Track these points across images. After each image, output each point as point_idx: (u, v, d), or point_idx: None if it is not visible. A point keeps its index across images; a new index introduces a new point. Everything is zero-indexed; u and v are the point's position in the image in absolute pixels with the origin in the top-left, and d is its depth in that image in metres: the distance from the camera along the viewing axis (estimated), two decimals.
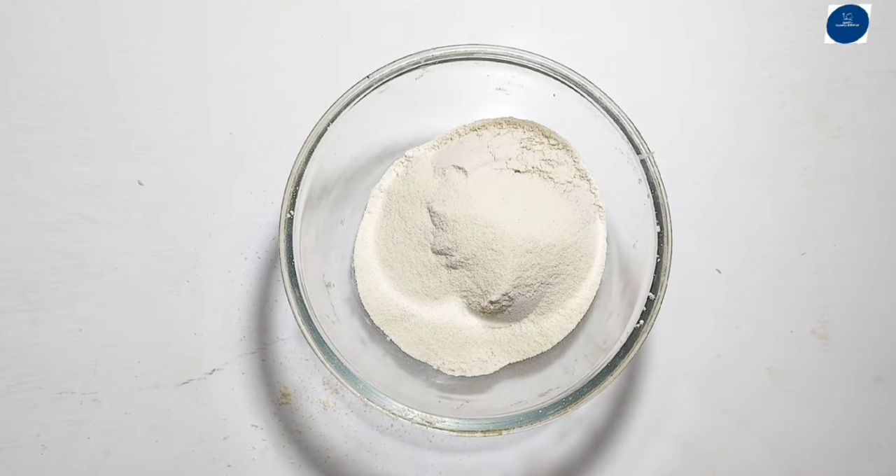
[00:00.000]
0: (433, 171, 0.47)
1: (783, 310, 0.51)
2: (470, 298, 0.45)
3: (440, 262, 0.45)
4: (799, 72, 0.53)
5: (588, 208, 0.47)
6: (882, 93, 0.53)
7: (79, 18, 0.53)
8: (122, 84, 0.52)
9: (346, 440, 0.48)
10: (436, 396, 0.45)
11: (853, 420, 0.50)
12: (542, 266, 0.44)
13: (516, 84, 0.45)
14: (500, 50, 0.43)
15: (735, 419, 0.49)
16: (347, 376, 0.40)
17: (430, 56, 0.43)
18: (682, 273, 0.45)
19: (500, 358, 0.46)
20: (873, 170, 0.52)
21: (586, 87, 0.43)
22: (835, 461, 0.49)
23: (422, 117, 0.49)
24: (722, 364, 0.50)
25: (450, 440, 0.49)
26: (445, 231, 0.44)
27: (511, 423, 0.39)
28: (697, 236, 0.51)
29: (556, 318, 0.46)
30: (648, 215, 0.42)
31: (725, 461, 0.49)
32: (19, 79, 0.52)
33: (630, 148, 0.42)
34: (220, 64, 0.52)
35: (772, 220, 0.52)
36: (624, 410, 0.49)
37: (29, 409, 0.48)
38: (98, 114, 0.52)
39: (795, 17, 0.54)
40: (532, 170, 0.46)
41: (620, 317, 0.43)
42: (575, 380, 0.41)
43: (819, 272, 0.51)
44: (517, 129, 0.47)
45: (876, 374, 0.50)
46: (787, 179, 0.52)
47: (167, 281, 0.50)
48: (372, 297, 0.47)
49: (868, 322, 0.51)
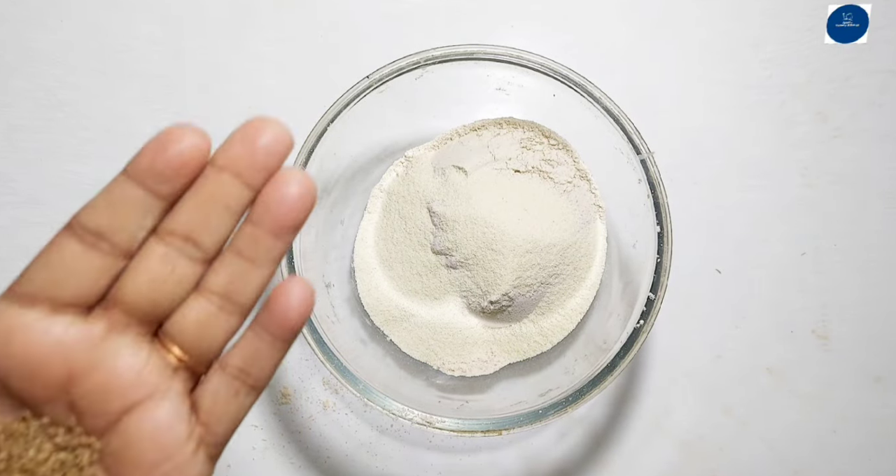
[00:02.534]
0: (433, 172, 0.47)
1: (783, 310, 0.51)
2: (470, 298, 0.45)
3: (440, 263, 0.45)
4: (799, 72, 0.53)
5: (588, 208, 0.47)
6: (882, 93, 0.53)
7: (79, 18, 0.53)
8: (122, 84, 0.52)
9: (346, 440, 0.48)
10: (436, 396, 0.45)
11: (853, 420, 0.50)
12: (542, 266, 0.44)
13: (516, 84, 0.45)
14: (500, 50, 0.43)
15: (735, 419, 0.49)
16: (347, 376, 0.40)
17: (430, 56, 0.43)
18: (682, 273, 0.45)
19: (500, 358, 0.46)
20: (873, 170, 0.52)
21: (586, 87, 0.43)
22: (835, 461, 0.49)
23: (422, 117, 0.49)
24: (722, 364, 0.50)
25: (450, 440, 0.49)
26: (445, 231, 0.44)
27: (511, 423, 0.39)
28: (697, 236, 0.51)
29: (556, 318, 0.46)
30: (648, 215, 0.42)
31: (725, 461, 0.49)
32: (19, 79, 0.52)
33: (630, 148, 0.42)
34: (220, 64, 0.52)
35: (772, 220, 0.52)
36: (624, 410, 0.49)
37: None
38: (98, 114, 0.52)
39: (795, 17, 0.53)
40: (532, 170, 0.46)
41: (620, 317, 0.43)
42: (575, 380, 0.41)
43: (819, 272, 0.51)
44: (517, 129, 0.47)
45: (876, 374, 0.50)
46: (787, 179, 0.52)
47: None
48: (372, 297, 0.47)
49: (868, 322, 0.51)
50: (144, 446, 0.22)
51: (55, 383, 0.22)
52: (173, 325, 0.24)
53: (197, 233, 0.23)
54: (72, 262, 0.22)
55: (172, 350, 0.24)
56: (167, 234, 0.23)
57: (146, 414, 0.22)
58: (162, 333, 0.24)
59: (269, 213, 0.22)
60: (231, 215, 0.23)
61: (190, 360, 0.24)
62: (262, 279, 0.23)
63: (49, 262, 0.22)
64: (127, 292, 0.23)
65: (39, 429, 0.22)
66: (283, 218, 0.22)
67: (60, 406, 0.22)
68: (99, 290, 0.23)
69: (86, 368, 0.22)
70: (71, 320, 0.22)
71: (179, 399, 0.23)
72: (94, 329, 0.22)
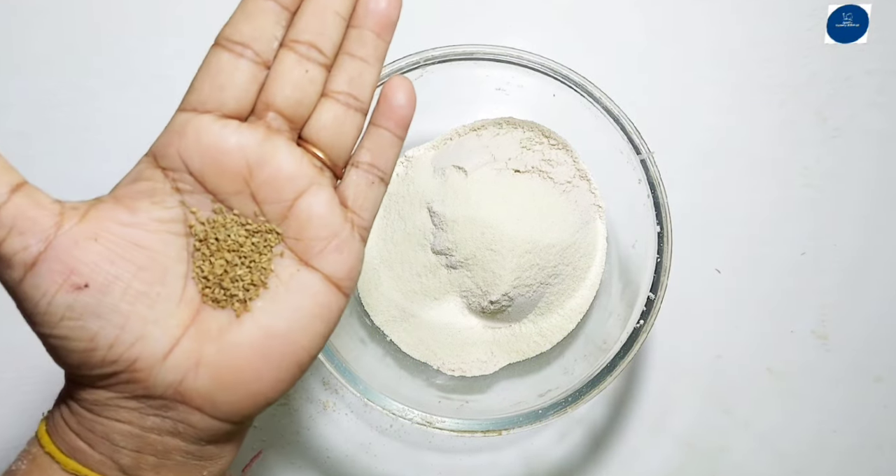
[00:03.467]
0: (433, 172, 0.47)
1: (783, 310, 0.51)
2: (470, 298, 0.45)
3: (440, 263, 0.45)
4: (799, 72, 0.53)
5: (588, 208, 0.47)
6: (882, 93, 0.53)
7: (79, 18, 0.53)
8: (122, 84, 0.52)
9: (346, 440, 0.48)
10: (436, 396, 0.45)
11: (853, 420, 0.50)
12: (542, 266, 0.44)
13: (516, 84, 0.45)
14: (500, 50, 0.43)
15: (735, 419, 0.49)
16: (347, 376, 0.40)
17: (430, 56, 0.43)
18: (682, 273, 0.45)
19: (499, 358, 0.46)
20: (873, 170, 0.52)
21: (586, 87, 0.43)
22: (835, 461, 0.49)
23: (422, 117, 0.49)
24: (722, 364, 0.50)
25: (450, 440, 0.49)
26: (445, 231, 0.44)
27: (511, 424, 0.39)
28: (697, 236, 0.51)
29: (556, 319, 0.46)
30: (648, 215, 0.42)
31: (725, 461, 0.49)
32: (19, 79, 0.52)
33: (630, 148, 0.42)
34: None
35: (772, 220, 0.52)
36: (624, 410, 0.49)
37: (29, 411, 0.48)
38: (98, 114, 0.52)
39: (795, 17, 0.53)
40: (532, 170, 0.46)
41: (620, 317, 0.43)
42: (574, 380, 0.41)
43: (819, 272, 0.51)
44: (517, 129, 0.47)
45: (876, 374, 0.50)
46: (787, 179, 0.52)
47: None
48: (372, 297, 0.47)
49: (868, 322, 0.51)
50: (316, 224, 0.27)
51: (239, 175, 0.26)
52: (311, 128, 0.27)
53: (318, 39, 0.26)
54: (227, 70, 0.26)
55: (315, 151, 0.27)
56: (293, 42, 0.26)
57: (313, 199, 0.27)
58: (302, 139, 0.28)
59: (369, 14, 0.27)
60: (341, 21, 0.27)
61: (328, 159, 0.28)
62: (374, 77, 0.28)
63: (209, 73, 0.26)
64: (275, 95, 0.26)
65: (232, 218, 0.27)
66: (383, 16, 0.27)
67: (244, 198, 0.26)
68: (251, 97, 0.26)
69: (259, 162, 0.26)
70: (237, 124, 0.26)
71: (332, 189, 0.28)
72: (257, 132, 0.26)
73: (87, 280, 0.23)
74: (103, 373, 0.25)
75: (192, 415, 0.26)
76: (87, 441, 0.26)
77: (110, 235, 0.24)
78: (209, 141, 0.25)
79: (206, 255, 0.26)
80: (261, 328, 0.26)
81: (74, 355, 0.24)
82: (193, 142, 0.25)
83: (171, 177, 0.26)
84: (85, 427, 0.26)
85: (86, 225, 0.24)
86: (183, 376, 0.25)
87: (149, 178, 0.26)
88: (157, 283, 0.25)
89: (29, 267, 0.23)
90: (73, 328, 0.24)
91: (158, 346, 0.25)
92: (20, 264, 0.23)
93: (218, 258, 0.26)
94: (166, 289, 0.25)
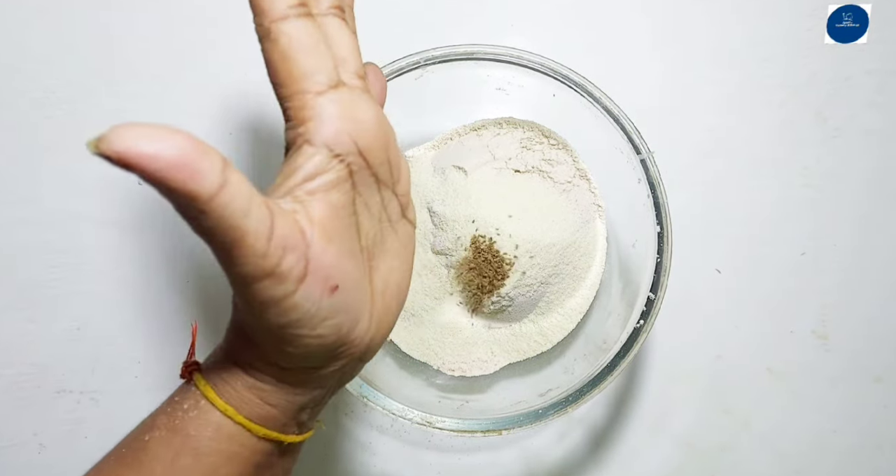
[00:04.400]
0: (433, 171, 0.47)
1: (783, 310, 0.51)
2: (470, 298, 0.45)
3: (440, 262, 0.45)
4: (799, 72, 0.53)
5: (588, 208, 0.47)
6: (882, 93, 0.53)
7: (79, 18, 0.53)
8: (122, 83, 0.52)
9: (346, 440, 0.48)
10: (436, 396, 0.45)
11: (853, 420, 0.50)
12: (542, 266, 0.44)
13: (516, 84, 0.45)
14: (500, 50, 0.43)
15: (735, 419, 0.49)
16: None
17: (430, 56, 0.43)
18: (682, 273, 0.45)
19: (500, 358, 0.46)
20: (873, 170, 0.52)
21: (586, 87, 0.43)
22: (835, 461, 0.49)
23: (422, 117, 0.49)
24: (722, 364, 0.50)
25: (450, 440, 0.48)
26: (445, 231, 0.44)
27: (511, 423, 0.39)
28: (697, 236, 0.51)
29: (556, 318, 0.46)
30: (648, 215, 0.42)
31: (725, 461, 0.49)
32: (19, 79, 0.52)
33: (630, 148, 0.42)
34: (220, 63, 0.52)
35: (772, 220, 0.52)
36: (624, 410, 0.49)
37: (27, 407, 0.48)
38: (98, 113, 0.52)
39: (795, 17, 0.53)
40: (532, 170, 0.46)
41: (620, 317, 0.43)
42: (575, 380, 0.41)
43: (819, 272, 0.51)
44: (517, 129, 0.47)
45: (876, 375, 0.50)
46: (787, 179, 0.52)
47: (167, 280, 0.50)
48: None
49: (868, 322, 0.51)
50: (405, 173, 0.29)
51: (386, 143, 0.27)
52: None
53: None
54: (315, 40, 0.26)
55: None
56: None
57: (394, 147, 0.28)
58: None
59: None
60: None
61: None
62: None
63: (301, 51, 0.26)
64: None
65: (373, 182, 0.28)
66: None
67: (386, 166, 0.28)
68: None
69: (387, 126, 0.28)
70: (349, 91, 0.26)
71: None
72: (364, 95, 0.27)
73: (337, 281, 0.25)
74: (333, 355, 0.27)
75: (359, 364, 0.29)
76: (280, 409, 0.28)
77: (334, 234, 0.26)
78: (365, 116, 0.26)
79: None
80: (392, 271, 0.29)
81: (322, 349, 0.26)
82: (350, 121, 0.26)
83: (345, 161, 0.26)
84: (279, 398, 0.28)
85: (320, 230, 0.25)
86: (373, 334, 0.28)
87: (327, 169, 0.26)
88: (358, 263, 0.27)
89: (301, 280, 0.24)
90: (330, 326, 0.26)
91: (366, 317, 0.27)
92: (295, 279, 0.24)
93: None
94: (359, 263, 0.27)
